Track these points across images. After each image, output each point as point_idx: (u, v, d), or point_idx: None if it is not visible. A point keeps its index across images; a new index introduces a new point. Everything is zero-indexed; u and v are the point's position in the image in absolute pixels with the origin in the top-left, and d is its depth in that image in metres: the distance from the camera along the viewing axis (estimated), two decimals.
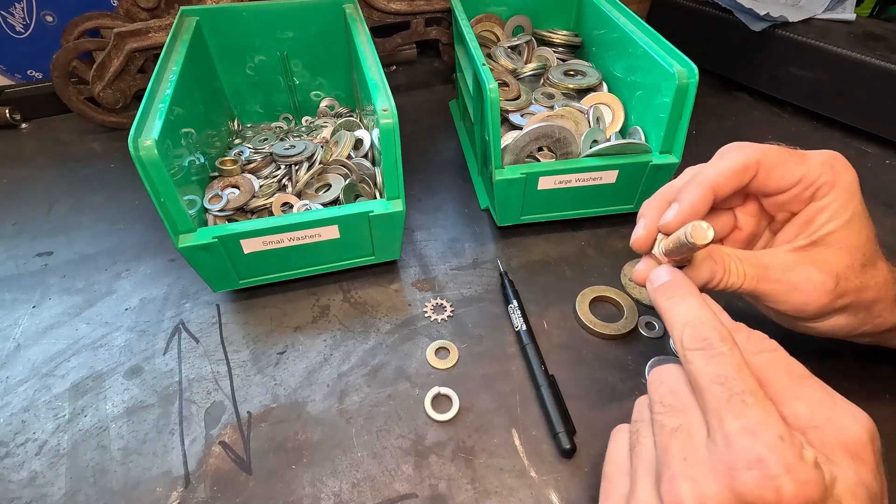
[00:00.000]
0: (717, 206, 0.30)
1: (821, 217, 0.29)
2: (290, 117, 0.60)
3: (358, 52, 0.45)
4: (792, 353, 0.24)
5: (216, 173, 0.47)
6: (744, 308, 0.34)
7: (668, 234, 0.30)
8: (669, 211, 0.29)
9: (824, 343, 0.40)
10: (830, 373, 0.38)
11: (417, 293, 0.45)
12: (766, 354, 0.23)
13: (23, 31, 0.66)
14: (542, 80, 0.57)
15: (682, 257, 0.29)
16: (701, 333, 0.23)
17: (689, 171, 0.31)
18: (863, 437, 0.21)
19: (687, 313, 0.24)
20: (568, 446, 0.34)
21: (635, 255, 0.48)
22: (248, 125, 0.59)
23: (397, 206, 0.40)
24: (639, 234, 0.30)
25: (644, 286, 0.29)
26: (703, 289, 0.28)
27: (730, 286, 0.28)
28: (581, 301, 0.43)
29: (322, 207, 0.44)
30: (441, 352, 0.41)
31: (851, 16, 0.66)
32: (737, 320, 0.26)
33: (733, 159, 0.29)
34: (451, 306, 0.44)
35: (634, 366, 0.39)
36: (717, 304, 0.26)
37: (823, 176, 0.28)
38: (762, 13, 0.63)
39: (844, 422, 0.21)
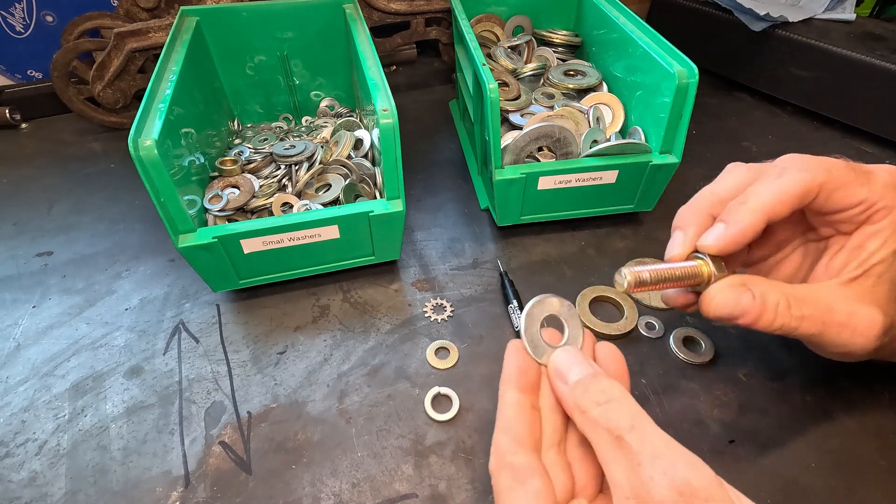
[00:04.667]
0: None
1: (871, 243, 0.26)
2: (290, 117, 0.60)
3: (358, 52, 0.45)
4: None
5: (216, 173, 0.47)
6: None
7: (708, 255, 0.26)
8: (713, 231, 0.26)
9: None
10: (832, 372, 0.38)
11: (417, 293, 0.45)
12: (591, 413, 0.22)
13: (23, 31, 0.66)
14: (542, 80, 0.57)
15: (677, 286, 0.26)
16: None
17: (735, 172, 0.28)
18: (667, 497, 0.19)
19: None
20: None
21: (635, 255, 0.48)
22: (248, 125, 0.59)
23: (397, 206, 0.40)
24: (676, 251, 0.27)
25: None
26: (730, 322, 0.26)
27: (778, 328, 0.26)
28: (581, 301, 0.43)
29: (322, 207, 0.44)
30: (441, 352, 0.41)
31: (851, 16, 0.66)
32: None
33: (795, 182, 0.25)
34: (451, 306, 0.44)
35: (635, 366, 0.39)
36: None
37: (884, 199, 0.26)
38: (762, 13, 0.63)
39: (648, 487, 0.20)
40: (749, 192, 0.26)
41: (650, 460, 0.20)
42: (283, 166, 0.48)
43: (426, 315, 0.43)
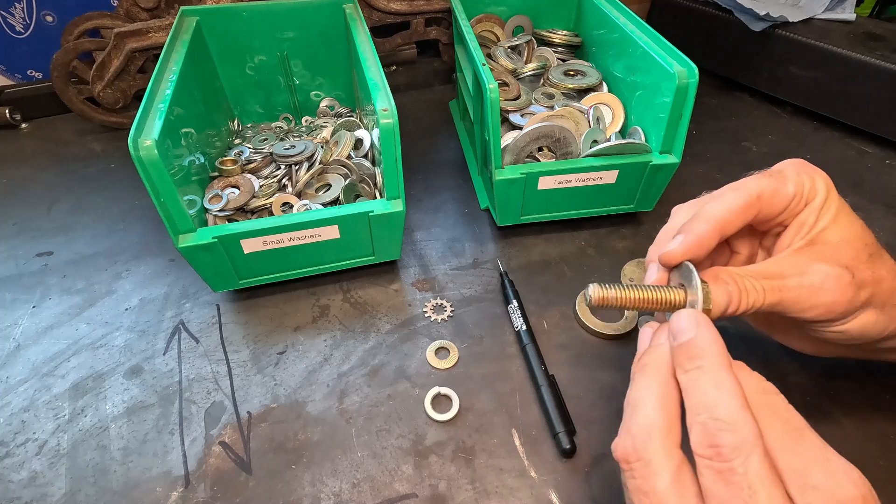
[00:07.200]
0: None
1: (810, 218, 0.29)
2: (290, 117, 0.60)
3: (358, 52, 0.45)
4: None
5: (216, 173, 0.47)
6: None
7: (669, 266, 0.28)
8: (673, 241, 0.28)
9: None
10: (831, 373, 0.38)
11: (417, 293, 0.45)
12: (767, 397, 0.22)
13: (23, 31, 0.66)
14: (542, 80, 0.57)
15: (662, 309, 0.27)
16: (712, 436, 0.20)
17: (683, 209, 0.31)
18: (857, 499, 0.20)
19: (706, 397, 0.21)
20: (568, 446, 0.34)
21: (635, 255, 0.48)
22: (248, 125, 0.59)
23: (397, 206, 0.40)
24: (653, 279, 0.29)
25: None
26: (721, 318, 0.27)
27: (751, 306, 0.26)
28: (581, 301, 0.43)
29: (322, 207, 0.44)
30: (441, 352, 0.41)
31: (851, 16, 0.66)
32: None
33: (737, 196, 0.28)
34: (451, 306, 0.44)
35: None
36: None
37: (806, 182, 0.29)
38: (762, 13, 0.63)
39: (840, 481, 0.20)
40: (700, 210, 0.29)
41: (837, 457, 0.21)
42: (283, 166, 0.48)
43: (426, 315, 0.43)
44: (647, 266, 0.30)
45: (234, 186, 0.45)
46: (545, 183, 0.45)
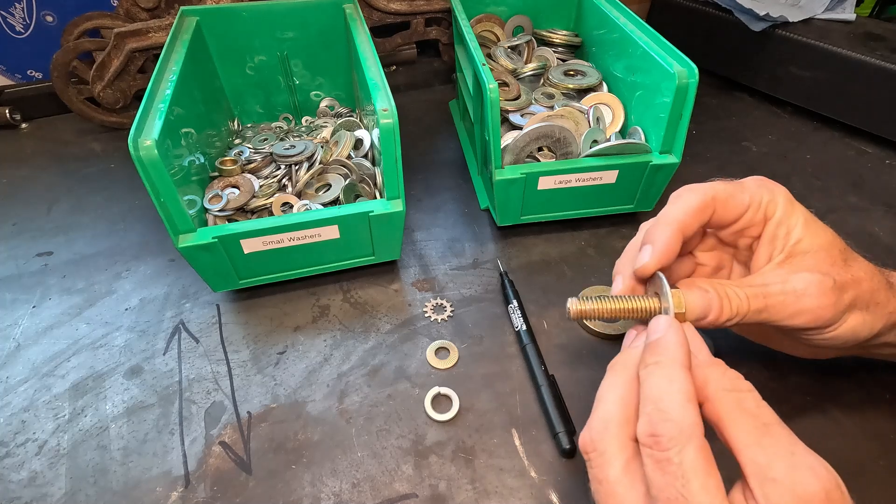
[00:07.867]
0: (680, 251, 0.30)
1: (781, 231, 0.29)
2: (290, 117, 0.60)
3: (358, 52, 0.45)
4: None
5: (216, 173, 0.47)
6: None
7: (644, 278, 0.29)
8: (643, 253, 0.29)
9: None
10: (831, 373, 0.38)
11: (417, 293, 0.45)
12: (737, 394, 0.23)
13: (23, 31, 0.66)
14: (542, 80, 0.57)
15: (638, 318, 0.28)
16: (653, 425, 0.21)
17: (646, 225, 0.32)
18: (819, 493, 0.20)
19: (656, 390, 0.23)
20: (568, 446, 0.34)
21: None
22: (248, 125, 0.59)
23: (397, 206, 0.40)
24: (618, 290, 0.30)
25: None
26: (701, 325, 0.27)
27: (735, 313, 0.27)
28: None
29: (322, 207, 0.44)
30: (441, 352, 0.41)
31: (851, 16, 0.66)
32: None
33: (692, 197, 0.29)
34: (451, 306, 0.44)
35: None
36: (702, 336, 0.26)
37: (765, 196, 0.30)
38: (762, 13, 0.63)
39: (803, 475, 0.20)
40: (660, 214, 0.30)
41: (805, 451, 0.21)
42: (283, 166, 0.48)
43: (426, 315, 0.43)
44: (614, 278, 0.31)
45: (234, 186, 0.45)
46: (545, 183, 0.45)
